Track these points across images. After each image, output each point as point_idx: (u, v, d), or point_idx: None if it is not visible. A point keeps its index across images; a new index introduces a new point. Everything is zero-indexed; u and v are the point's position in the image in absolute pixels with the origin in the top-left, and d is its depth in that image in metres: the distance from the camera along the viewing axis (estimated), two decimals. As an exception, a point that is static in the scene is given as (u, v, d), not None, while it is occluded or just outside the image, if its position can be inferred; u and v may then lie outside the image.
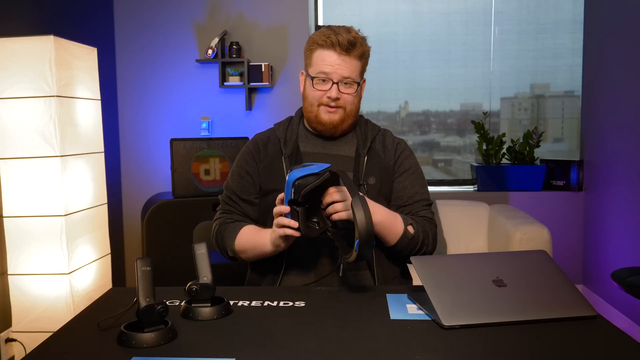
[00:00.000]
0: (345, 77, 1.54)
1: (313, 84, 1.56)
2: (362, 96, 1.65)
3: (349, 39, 1.52)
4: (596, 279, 3.35)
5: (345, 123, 1.59)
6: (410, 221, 1.53)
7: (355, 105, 1.60)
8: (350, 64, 1.54)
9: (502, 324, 1.10)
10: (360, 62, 1.57)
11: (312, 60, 1.57)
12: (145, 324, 1.04)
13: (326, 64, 1.53)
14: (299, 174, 1.30)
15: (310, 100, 1.59)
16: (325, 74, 1.54)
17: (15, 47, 2.32)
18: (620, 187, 3.03)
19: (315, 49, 1.56)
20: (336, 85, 1.54)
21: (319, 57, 1.55)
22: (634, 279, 2.19)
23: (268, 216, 1.59)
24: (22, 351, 2.41)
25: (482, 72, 3.75)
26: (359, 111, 1.66)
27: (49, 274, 2.38)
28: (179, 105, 3.61)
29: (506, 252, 1.62)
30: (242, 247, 1.55)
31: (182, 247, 3.01)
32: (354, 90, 1.56)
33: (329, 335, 1.07)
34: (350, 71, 1.54)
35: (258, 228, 1.56)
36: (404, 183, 1.62)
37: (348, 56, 1.53)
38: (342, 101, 1.56)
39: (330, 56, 1.53)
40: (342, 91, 1.55)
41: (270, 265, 1.57)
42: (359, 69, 1.57)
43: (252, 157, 1.66)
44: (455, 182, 3.82)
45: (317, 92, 1.56)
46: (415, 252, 1.53)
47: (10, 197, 2.37)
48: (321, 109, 1.57)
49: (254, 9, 3.56)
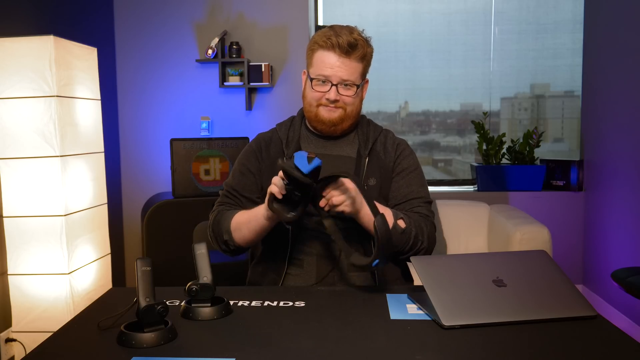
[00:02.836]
0: (344, 80, 1.52)
1: (312, 85, 1.55)
2: (364, 97, 1.63)
3: (349, 40, 1.50)
4: (596, 279, 3.35)
5: (345, 123, 1.59)
6: (400, 215, 1.49)
7: (355, 106, 1.58)
8: (350, 66, 1.52)
9: (502, 324, 1.10)
10: (361, 64, 1.55)
11: (313, 61, 1.56)
12: (145, 324, 1.04)
13: (326, 66, 1.52)
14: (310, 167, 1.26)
15: (309, 101, 1.58)
16: (324, 76, 1.53)
17: (15, 47, 2.31)
18: (620, 187, 3.03)
19: (316, 49, 1.55)
20: (335, 88, 1.53)
21: (319, 58, 1.54)
22: (634, 279, 2.19)
23: None
24: (22, 351, 2.41)
25: (482, 72, 3.75)
26: (361, 112, 1.65)
27: (49, 274, 2.37)
28: (179, 105, 3.61)
29: (506, 252, 1.62)
30: (236, 224, 1.52)
31: (182, 247, 3.01)
32: (354, 92, 1.55)
33: (329, 335, 1.07)
34: (349, 74, 1.52)
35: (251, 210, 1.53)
36: (400, 182, 1.61)
37: (348, 58, 1.51)
38: (342, 102, 1.55)
39: (330, 58, 1.52)
40: (342, 93, 1.54)
41: (272, 266, 1.57)
42: (359, 71, 1.55)
43: (255, 156, 1.65)
44: (455, 182, 3.82)
45: (316, 94, 1.55)
46: (409, 248, 1.49)
47: (10, 197, 2.37)
48: (320, 108, 1.56)
49: (254, 9, 3.56)
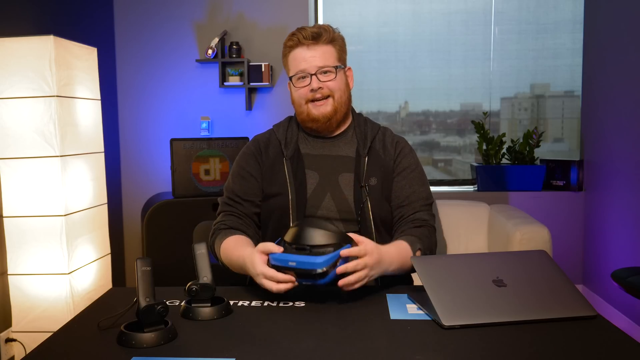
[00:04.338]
0: (320, 67, 1.55)
1: (294, 83, 1.58)
2: (351, 85, 1.65)
3: (312, 30, 1.55)
4: (596, 279, 3.35)
5: (339, 113, 1.58)
6: (418, 246, 1.45)
7: (343, 92, 1.59)
8: (321, 51, 1.55)
9: (502, 324, 1.10)
10: (334, 48, 1.58)
11: (289, 64, 1.60)
12: (145, 324, 1.04)
13: (299, 61, 1.55)
14: (326, 262, 1.18)
15: (298, 101, 1.59)
16: (301, 70, 1.55)
17: (15, 47, 2.31)
18: (620, 187, 3.03)
19: (288, 52, 1.59)
20: (315, 77, 1.54)
21: (292, 57, 1.58)
22: (634, 279, 2.19)
23: (270, 220, 1.58)
24: (22, 351, 2.41)
25: (482, 72, 3.75)
26: (351, 100, 1.65)
27: (49, 274, 2.38)
28: (179, 105, 3.61)
29: (506, 252, 1.62)
30: (225, 257, 1.48)
31: (182, 247, 3.01)
32: (334, 75, 1.56)
33: (329, 335, 1.07)
34: (324, 59, 1.55)
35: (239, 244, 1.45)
36: (402, 182, 1.60)
37: (317, 45, 1.55)
38: (327, 89, 1.56)
39: (300, 52, 1.55)
40: (322, 80, 1.55)
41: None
42: (333, 55, 1.57)
43: (254, 158, 1.63)
44: (455, 182, 3.82)
45: (300, 90, 1.57)
46: None
47: (10, 197, 2.37)
48: (310, 106, 1.57)
49: (254, 9, 3.56)
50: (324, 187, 1.57)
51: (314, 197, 1.55)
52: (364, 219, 1.53)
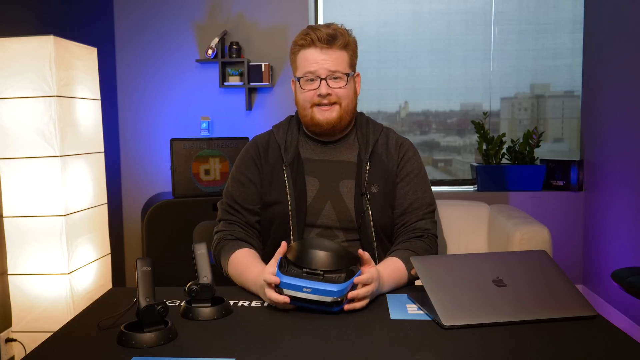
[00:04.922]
0: (332, 71, 1.49)
1: (301, 85, 1.51)
2: (358, 92, 1.59)
3: (328, 32, 1.48)
4: (596, 279, 3.35)
5: (344, 120, 1.53)
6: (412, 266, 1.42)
7: (350, 100, 1.54)
8: (334, 56, 1.49)
9: (502, 324, 1.10)
10: (347, 53, 1.52)
11: (297, 63, 1.53)
12: (145, 324, 1.04)
13: (310, 62, 1.49)
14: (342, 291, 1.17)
15: (302, 104, 1.53)
16: (311, 72, 1.49)
17: (15, 47, 2.31)
18: (620, 187, 3.03)
19: (298, 50, 1.52)
20: (325, 82, 1.49)
21: (302, 57, 1.51)
22: (634, 279, 2.19)
23: (270, 229, 1.55)
24: (22, 351, 2.41)
25: (482, 72, 3.75)
26: (356, 107, 1.60)
27: (49, 274, 2.37)
28: (179, 105, 3.61)
29: (506, 252, 1.62)
30: (232, 271, 1.45)
31: (182, 247, 3.01)
32: (344, 83, 1.51)
33: (329, 335, 1.07)
34: (336, 64, 1.49)
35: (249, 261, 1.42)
36: (405, 189, 1.56)
37: (331, 49, 1.48)
38: (335, 96, 1.50)
39: (312, 54, 1.49)
40: (332, 86, 1.50)
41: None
42: (346, 61, 1.51)
43: (254, 163, 1.59)
44: (455, 182, 3.82)
45: (307, 93, 1.51)
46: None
47: (10, 197, 2.37)
48: (315, 110, 1.51)
49: (254, 9, 3.56)
50: (325, 195, 1.53)
51: (314, 206, 1.52)
52: (365, 227, 1.51)
